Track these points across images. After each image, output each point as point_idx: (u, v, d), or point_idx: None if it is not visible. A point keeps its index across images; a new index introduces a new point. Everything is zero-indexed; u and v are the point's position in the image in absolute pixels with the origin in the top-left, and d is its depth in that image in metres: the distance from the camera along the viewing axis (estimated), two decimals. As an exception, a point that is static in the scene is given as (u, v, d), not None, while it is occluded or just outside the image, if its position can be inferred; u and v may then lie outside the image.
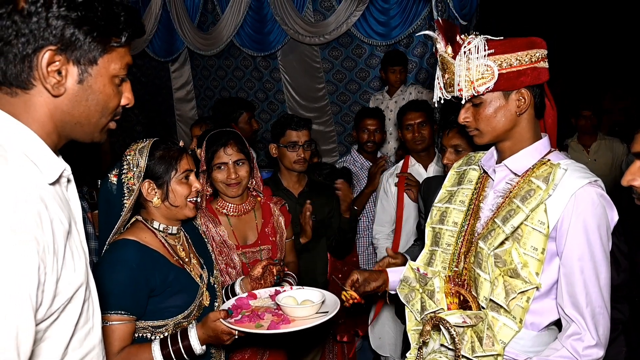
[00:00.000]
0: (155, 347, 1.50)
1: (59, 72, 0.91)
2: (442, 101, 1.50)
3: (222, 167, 2.03)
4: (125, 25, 0.97)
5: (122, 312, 1.48)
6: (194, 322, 1.63)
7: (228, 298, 1.84)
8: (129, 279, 1.49)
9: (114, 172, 1.61)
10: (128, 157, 1.60)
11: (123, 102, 1.04)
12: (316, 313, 1.63)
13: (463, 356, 1.38)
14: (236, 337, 1.56)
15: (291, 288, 1.85)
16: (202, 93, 5.64)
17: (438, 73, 1.49)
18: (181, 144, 1.68)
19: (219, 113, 3.56)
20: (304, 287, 1.85)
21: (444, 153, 2.19)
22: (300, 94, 4.98)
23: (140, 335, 1.56)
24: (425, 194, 2.41)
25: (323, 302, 1.68)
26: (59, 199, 0.94)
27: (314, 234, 2.46)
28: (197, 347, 1.53)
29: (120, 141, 5.83)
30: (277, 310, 1.68)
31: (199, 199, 1.72)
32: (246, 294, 1.80)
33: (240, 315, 1.63)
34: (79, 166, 2.37)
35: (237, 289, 1.88)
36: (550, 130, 1.53)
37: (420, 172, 2.90)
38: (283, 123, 2.55)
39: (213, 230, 2.05)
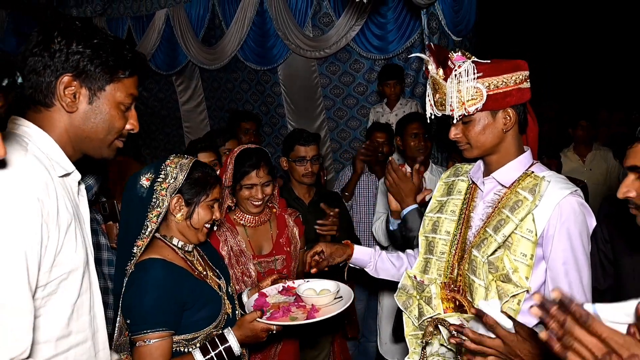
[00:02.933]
0: (198, 355, 1.55)
1: (74, 94, 1.14)
2: (433, 117, 1.62)
3: (252, 187, 2.11)
4: (130, 63, 1.21)
5: (162, 329, 1.50)
6: (221, 328, 1.68)
7: None
8: (163, 297, 1.52)
9: (146, 176, 1.61)
10: (168, 168, 1.61)
11: (128, 127, 1.25)
12: (334, 299, 1.81)
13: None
14: (274, 332, 1.67)
15: (293, 282, 1.96)
16: (213, 104, 5.73)
17: (429, 91, 1.61)
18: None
19: (229, 122, 3.91)
20: (311, 279, 1.96)
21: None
22: (298, 108, 5.07)
23: (174, 349, 1.58)
24: None
25: (338, 290, 1.86)
26: (66, 192, 1.12)
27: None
28: (237, 348, 1.60)
29: (126, 153, 5.90)
30: (298, 302, 1.80)
31: (215, 227, 1.77)
32: (256, 294, 1.87)
33: (269, 313, 1.72)
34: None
35: (245, 298, 1.94)
36: (532, 143, 1.65)
37: None
38: (292, 138, 2.67)
39: (231, 240, 2.12)
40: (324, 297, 1.79)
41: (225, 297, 1.74)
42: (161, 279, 1.53)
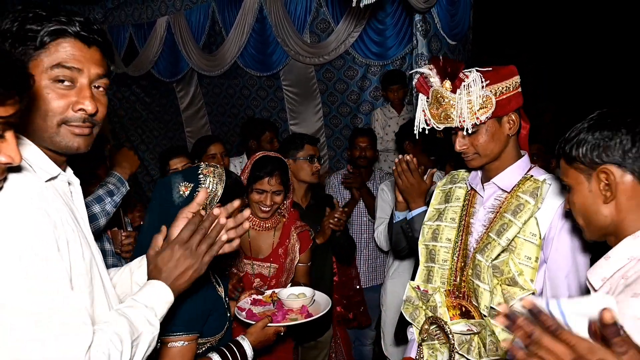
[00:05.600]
0: (216, 358, 1.59)
1: None
2: (426, 131, 1.63)
3: (262, 192, 2.19)
4: (45, 29, 1.01)
5: (195, 332, 1.53)
6: (223, 336, 1.71)
7: None
8: (201, 303, 1.53)
9: (184, 184, 1.58)
10: (209, 179, 1.59)
11: (80, 106, 1.05)
12: (312, 299, 2.05)
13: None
14: (282, 333, 1.81)
15: (257, 295, 2.08)
16: (214, 110, 5.77)
17: (425, 105, 1.60)
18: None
19: (246, 131, 4.03)
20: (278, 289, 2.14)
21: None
22: (299, 114, 5.11)
23: None
24: None
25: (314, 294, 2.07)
26: (59, 195, 1.06)
27: (324, 242, 2.61)
28: (250, 353, 1.69)
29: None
30: (282, 308, 1.97)
31: None
32: (235, 309, 1.97)
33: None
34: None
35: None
36: (523, 141, 1.66)
37: None
38: (300, 139, 2.76)
39: None
40: (307, 298, 2.00)
41: (226, 306, 1.77)
42: (204, 286, 1.55)
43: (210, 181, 1.58)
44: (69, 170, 1.19)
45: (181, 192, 1.57)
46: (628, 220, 1.10)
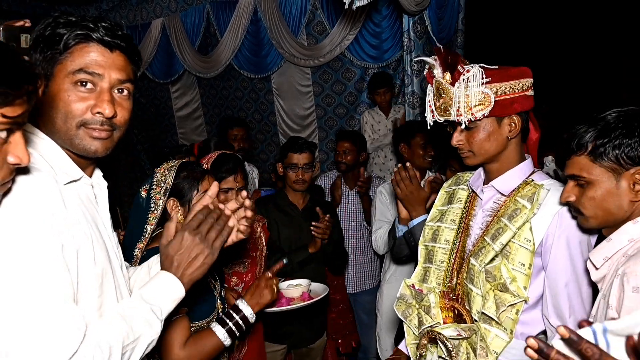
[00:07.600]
0: (217, 328, 1.59)
1: None
2: (432, 123, 1.59)
3: (227, 191, 2.14)
4: (63, 36, 1.04)
5: (184, 307, 1.52)
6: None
7: None
8: None
9: (144, 187, 1.71)
10: (158, 174, 1.71)
11: (97, 109, 1.06)
12: (309, 290, 2.22)
13: None
14: (275, 286, 1.76)
15: None
16: (209, 111, 5.77)
17: (430, 97, 1.57)
18: (205, 166, 1.79)
19: (220, 130, 4.07)
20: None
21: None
22: (291, 116, 5.10)
23: None
24: None
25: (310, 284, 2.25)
26: (79, 198, 1.07)
27: (316, 252, 2.59)
28: (248, 312, 1.65)
29: (122, 159, 5.94)
30: (283, 297, 2.12)
31: None
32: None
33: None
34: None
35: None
36: (532, 149, 1.63)
37: None
38: (287, 146, 2.74)
39: None
40: (305, 286, 2.16)
41: (218, 298, 1.79)
42: None
43: (159, 177, 1.68)
44: (97, 173, 1.20)
45: (142, 195, 1.69)
46: (637, 212, 1.23)
